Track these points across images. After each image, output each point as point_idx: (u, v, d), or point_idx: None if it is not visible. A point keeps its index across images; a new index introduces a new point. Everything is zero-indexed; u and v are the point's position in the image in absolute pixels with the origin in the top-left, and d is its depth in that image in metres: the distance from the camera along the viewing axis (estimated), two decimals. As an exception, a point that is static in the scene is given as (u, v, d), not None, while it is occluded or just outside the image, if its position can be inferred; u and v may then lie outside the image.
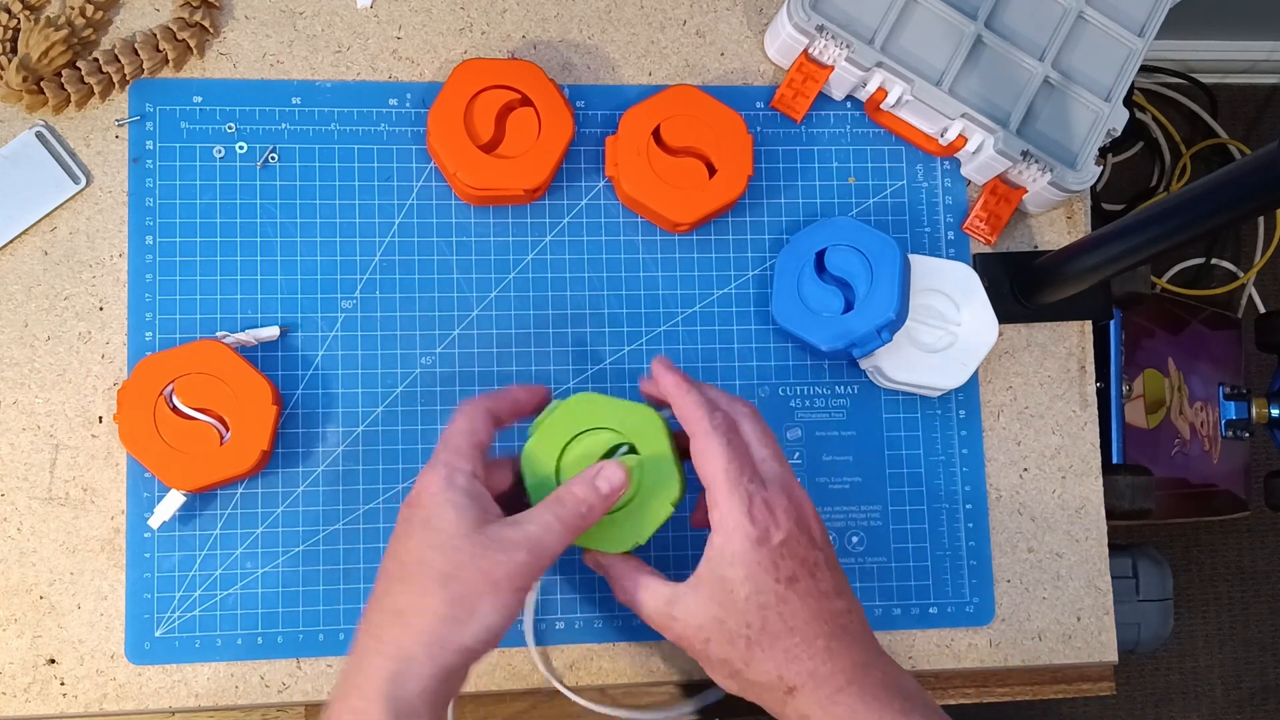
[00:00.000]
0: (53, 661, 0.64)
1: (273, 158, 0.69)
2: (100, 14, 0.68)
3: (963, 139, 0.71)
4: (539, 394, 0.59)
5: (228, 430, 0.63)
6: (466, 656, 0.50)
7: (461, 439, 0.54)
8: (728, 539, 0.52)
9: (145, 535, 0.65)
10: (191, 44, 0.68)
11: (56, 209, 0.67)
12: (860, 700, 0.52)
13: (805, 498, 0.55)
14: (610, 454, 0.57)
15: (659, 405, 0.59)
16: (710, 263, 0.71)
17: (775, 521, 0.53)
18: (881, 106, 0.72)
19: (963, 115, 0.70)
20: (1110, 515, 0.73)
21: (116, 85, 0.68)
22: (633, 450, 0.58)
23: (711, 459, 0.54)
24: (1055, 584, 0.71)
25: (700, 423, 0.54)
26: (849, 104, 0.74)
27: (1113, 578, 0.72)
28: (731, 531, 0.52)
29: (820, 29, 0.69)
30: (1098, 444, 0.73)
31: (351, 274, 0.68)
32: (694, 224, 0.70)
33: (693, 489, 0.58)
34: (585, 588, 0.68)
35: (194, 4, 0.68)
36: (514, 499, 0.57)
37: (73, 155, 0.68)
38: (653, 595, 0.55)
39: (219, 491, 0.66)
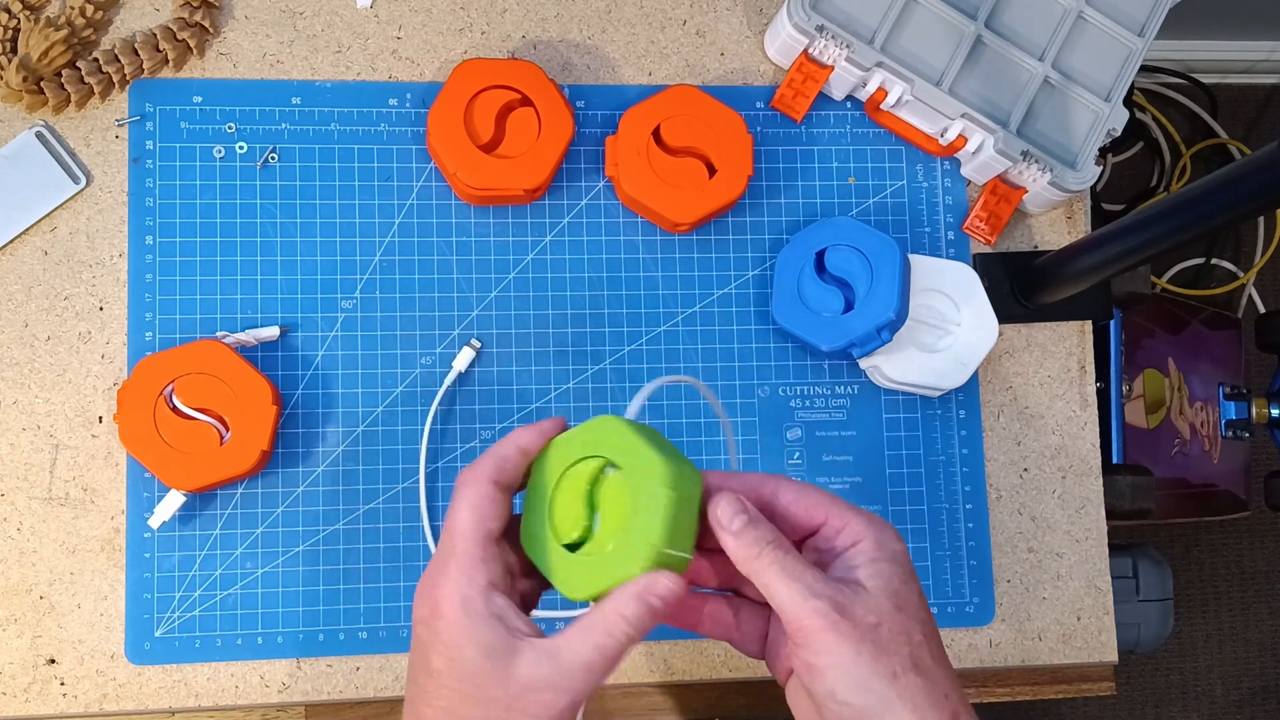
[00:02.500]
0: (53, 661, 0.64)
1: (273, 158, 0.69)
2: (100, 14, 0.68)
3: (963, 139, 0.71)
4: (550, 430, 0.49)
5: (228, 430, 0.63)
6: None
7: (469, 539, 0.45)
8: (881, 563, 0.46)
9: (145, 535, 0.65)
10: (191, 44, 0.68)
11: (56, 209, 0.67)
12: None
13: (915, 581, 0.47)
14: (595, 481, 0.47)
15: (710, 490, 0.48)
16: (710, 263, 0.71)
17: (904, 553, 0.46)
18: (881, 106, 0.72)
19: (963, 115, 0.70)
20: (1110, 515, 0.73)
21: (116, 85, 0.68)
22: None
23: (822, 505, 0.47)
24: (1055, 584, 0.71)
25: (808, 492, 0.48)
26: (849, 104, 0.74)
27: (1113, 578, 0.72)
28: (876, 542, 0.46)
29: (820, 29, 0.69)
30: (1098, 444, 0.73)
31: (351, 274, 0.68)
32: (694, 224, 0.70)
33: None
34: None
35: (194, 4, 0.68)
36: None
37: (73, 155, 0.68)
38: (806, 585, 0.45)
39: (219, 491, 0.66)
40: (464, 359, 0.68)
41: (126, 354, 0.66)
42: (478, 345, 0.68)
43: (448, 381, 0.67)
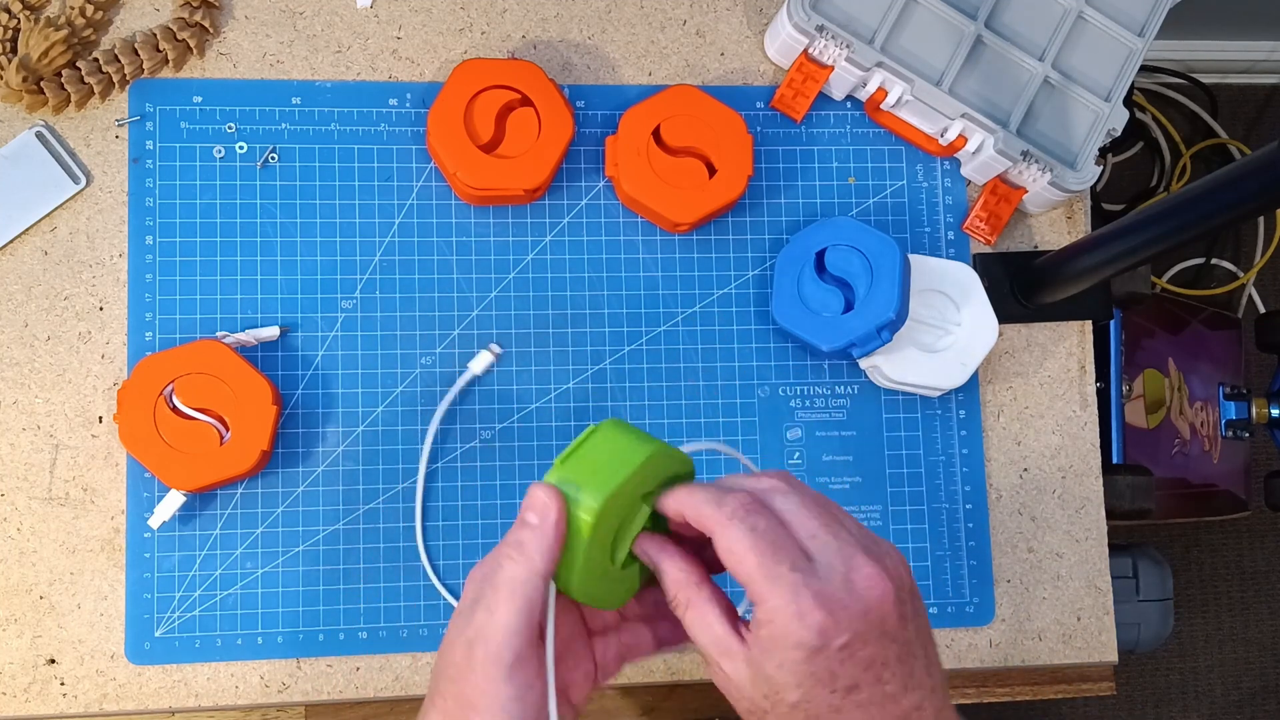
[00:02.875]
0: (53, 661, 0.64)
1: (273, 158, 0.69)
2: (100, 14, 0.68)
3: (963, 139, 0.71)
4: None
5: (228, 430, 0.63)
6: None
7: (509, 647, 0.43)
8: (774, 640, 0.42)
9: (145, 535, 0.65)
10: (191, 44, 0.68)
11: (56, 209, 0.67)
12: None
13: (885, 579, 0.43)
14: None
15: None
16: (710, 263, 0.71)
17: (835, 620, 0.42)
18: (881, 106, 0.72)
19: (963, 115, 0.70)
20: (1110, 515, 0.73)
21: (116, 85, 0.68)
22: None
23: (736, 553, 0.42)
24: (1055, 584, 0.71)
25: (711, 517, 0.43)
26: (849, 104, 0.74)
27: (1113, 578, 0.72)
28: (780, 636, 0.42)
29: (820, 29, 0.69)
30: (1098, 444, 0.73)
31: (351, 274, 0.68)
32: (694, 224, 0.70)
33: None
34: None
35: (194, 4, 0.68)
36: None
37: (73, 155, 0.68)
38: (710, 632, 0.44)
39: (219, 491, 0.66)
40: (481, 362, 0.67)
41: (126, 354, 0.66)
42: (498, 350, 0.67)
43: (461, 382, 0.67)
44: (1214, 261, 1.71)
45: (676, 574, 0.45)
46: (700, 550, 0.47)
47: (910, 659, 0.43)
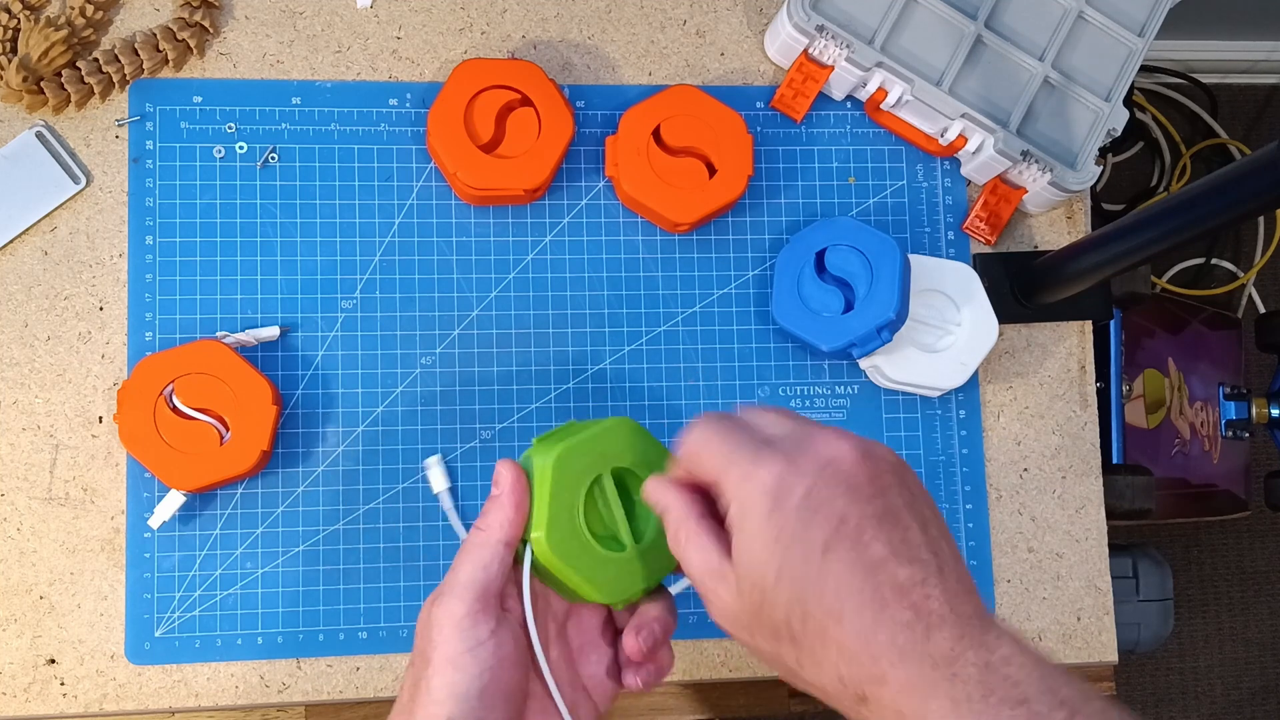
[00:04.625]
0: (53, 661, 0.64)
1: (273, 158, 0.69)
2: (100, 14, 0.68)
3: (963, 139, 0.71)
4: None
5: (228, 430, 0.63)
6: None
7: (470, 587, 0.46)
8: (742, 510, 0.42)
9: (145, 535, 0.65)
10: (191, 44, 0.68)
11: (56, 209, 0.67)
12: (958, 716, 0.38)
13: (845, 444, 0.42)
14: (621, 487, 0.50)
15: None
16: (710, 263, 0.71)
17: (796, 470, 0.41)
18: (881, 106, 0.72)
19: (963, 115, 0.70)
20: (1110, 515, 0.73)
21: (116, 85, 0.68)
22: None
23: (700, 455, 0.44)
24: (1055, 584, 0.71)
25: (679, 438, 0.45)
26: (849, 104, 0.74)
27: (1113, 578, 0.72)
28: (744, 501, 0.41)
29: (820, 29, 0.69)
30: (1098, 444, 0.73)
31: (351, 274, 0.68)
32: (694, 224, 0.70)
33: None
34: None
35: (194, 4, 0.68)
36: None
37: (73, 155, 0.68)
38: (702, 555, 0.44)
39: (219, 491, 0.66)
40: (437, 479, 0.67)
41: (126, 354, 0.66)
42: (435, 462, 0.67)
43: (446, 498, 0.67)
44: (1214, 261, 1.71)
45: (678, 509, 0.45)
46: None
47: (896, 525, 0.40)
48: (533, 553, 0.47)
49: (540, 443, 0.50)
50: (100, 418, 0.66)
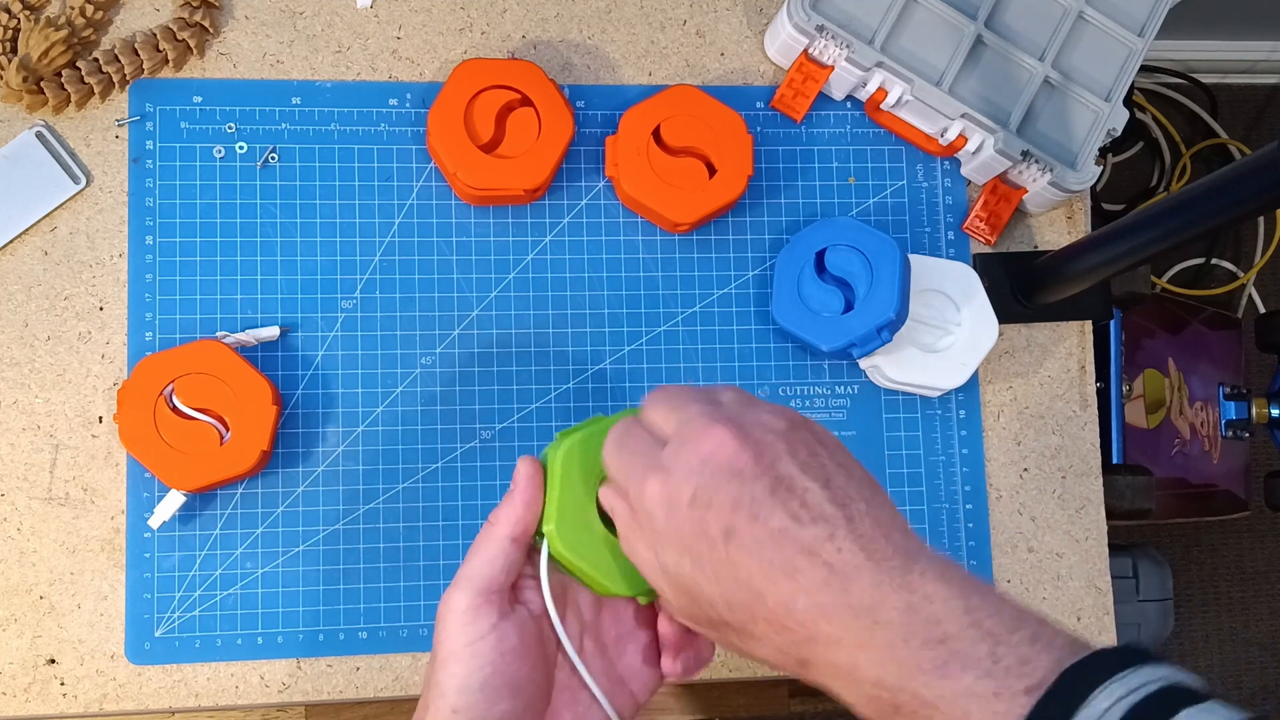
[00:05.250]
0: (53, 661, 0.64)
1: (273, 158, 0.69)
2: (100, 14, 0.68)
3: (963, 139, 0.71)
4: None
5: (228, 430, 0.63)
6: None
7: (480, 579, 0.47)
8: (645, 523, 0.43)
9: (145, 535, 0.65)
10: (191, 44, 0.68)
11: (56, 209, 0.67)
12: (884, 663, 0.39)
13: (725, 426, 0.42)
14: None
15: None
16: (710, 263, 0.71)
17: (677, 477, 0.42)
18: (881, 106, 0.72)
19: (963, 115, 0.70)
20: (1110, 515, 0.73)
21: (116, 85, 0.68)
22: None
23: (608, 459, 0.46)
24: (1055, 584, 0.71)
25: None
26: (849, 104, 0.74)
27: (1113, 578, 0.72)
28: (646, 517, 0.43)
29: (820, 29, 0.69)
30: (1098, 444, 0.73)
31: (351, 274, 0.68)
32: (694, 224, 0.70)
33: None
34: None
35: (194, 4, 0.68)
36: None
37: (73, 155, 0.68)
38: (643, 558, 0.45)
39: (219, 491, 0.66)
40: None
41: (126, 354, 0.66)
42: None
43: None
44: (1214, 261, 1.71)
45: (621, 515, 0.46)
46: None
47: (791, 492, 0.41)
48: (548, 545, 0.48)
49: (562, 436, 0.49)
50: (100, 418, 0.66)
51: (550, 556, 0.48)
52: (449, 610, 0.46)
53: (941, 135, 0.72)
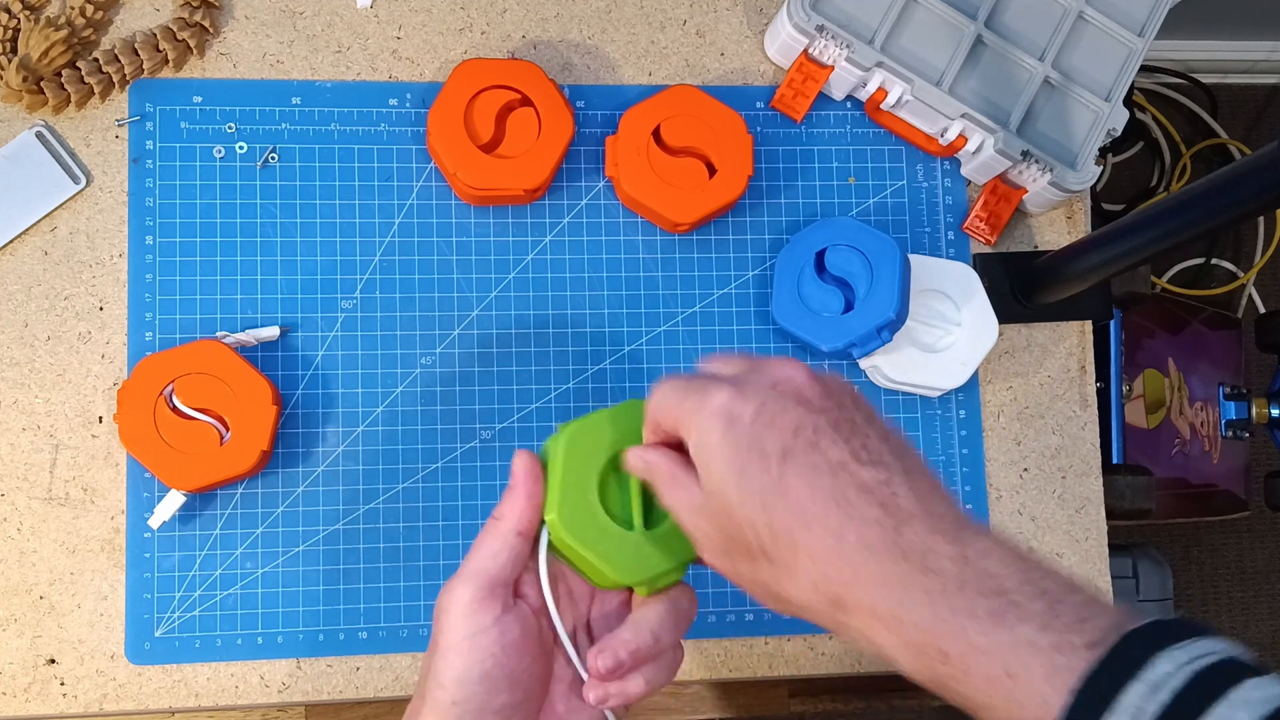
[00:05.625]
0: (53, 661, 0.64)
1: (273, 158, 0.69)
2: (100, 14, 0.68)
3: (963, 139, 0.71)
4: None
5: (228, 430, 0.63)
6: None
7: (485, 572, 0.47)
8: (700, 438, 0.43)
9: (145, 535, 0.65)
10: (191, 44, 0.68)
11: (56, 209, 0.67)
12: (933, 606, 0.37)
13: (794, 367, 0.43)
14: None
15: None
16: (710, 263, 0.71)
17: (742, 397, 0.42)
18: (881, 106, 0.72)
19: (963, 115, 0.70)
20: (1110, 515, 0.73)
21: (116, 85, 0.68)
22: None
23: (659, 401, 0.45)
24: (1055, 584, 0.71)
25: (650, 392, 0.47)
26: (849, 104, 0.74)
27: (1113, 578, 0.72)
28: (700, 428, 0.42)
29: (820, 29, 0.69)
30: (1098, 444, 0.73)
31: (351, 274, 0.68)
32: (694, 224, 0.70)
33: None
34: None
35: (194, 4, 0.68)
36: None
37: (73, 155, 0.68)
38: (682, 493, 0.44)
39: (219, 491, 0.66)
40: None
41: (126, 354, 0.66)
42: None
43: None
44: (1214, 261, 1.71)
45: (655, 462, 0.46)
46: None
47: (854, 431, 0.41)
48: (548, 534, 0.48)
49: (564, 428, 0.50)
50: (100, 418, 0.66)
51: (550, 546, 0.48)
52: (452, 602, 0.46)
53: (941, 135, 0.72)
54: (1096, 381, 0.74)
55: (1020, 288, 0.72)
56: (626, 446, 0.48)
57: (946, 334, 0.70)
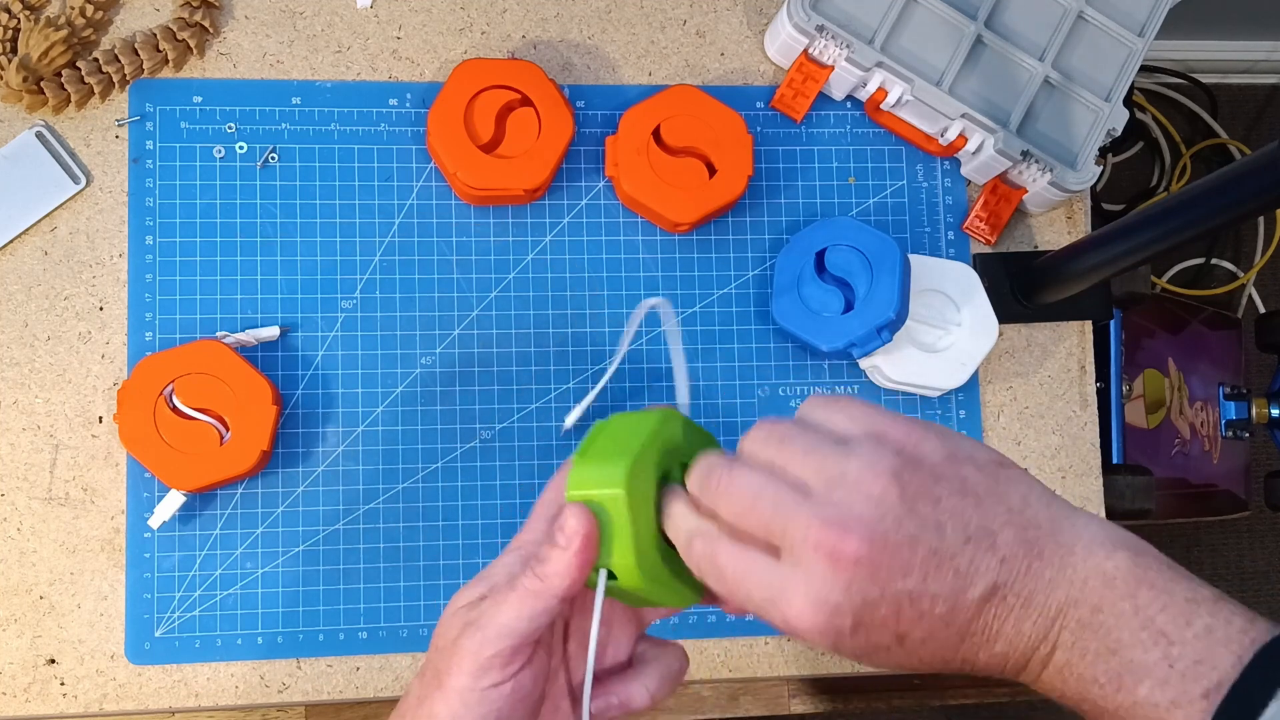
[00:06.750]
0: (53, 661, 0.64)
1: (273, 158, 0.69)
2: (100, 14, 0.68)
3: (963, 139, 0.71)
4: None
5: (228, 430, 0.63)
6: None
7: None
8: (808, 570, 0.39)
9: (145, 535, 0.65)
10: (191, 44, 0.68)
11: (56, 209, 0.67)
12: (1061, 680, 0.39)
13: (878, 474, 0.39)
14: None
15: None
16: (710, 263, 0.71)
17: (845, 529, 0.39)
18: (881, 106, 0.72)
19: (963, 115, 0.70)
20: (1110, 515, 0.73)
21: (116, 85, 0.68)
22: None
23: (739, 512, 0.41)
24: (1055, 584, 0.71)
25: (701, 486, 0.43)
26: (849, 104, 0.74)
27: (1113, 578, 0.72)
28: (809, 570, 0.39)
29: (820, 29, 0.69)
30: (1098, 444, 0.73)
31: (351, 274, 0.68)
32: (694, 224, 0.70)
33: None
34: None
35: (194, 4, 0.68)
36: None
37: (73, 155, 0.68)
38: (761, 589, 0.41)
39: (219, 491, 0.66)
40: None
41: (126, 354, 0.66)
42: None
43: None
44: (1214, 261, 1.71)
45: (692, 524, 0.43)
46: None
47: (949, 527, 0.40)
48: (616, 581, 0.43)
49: (584, 458, 0.44)
50: (100, 418, 0.66)
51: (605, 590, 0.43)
52: (472, 652, 0.43)
53: (941, 135, 0.72)
54: (1096, 381, 0.74)
55: (1020, 288, 0.72)
56: (676, 464, 0.45)
57: (946, 334, 0.70)
